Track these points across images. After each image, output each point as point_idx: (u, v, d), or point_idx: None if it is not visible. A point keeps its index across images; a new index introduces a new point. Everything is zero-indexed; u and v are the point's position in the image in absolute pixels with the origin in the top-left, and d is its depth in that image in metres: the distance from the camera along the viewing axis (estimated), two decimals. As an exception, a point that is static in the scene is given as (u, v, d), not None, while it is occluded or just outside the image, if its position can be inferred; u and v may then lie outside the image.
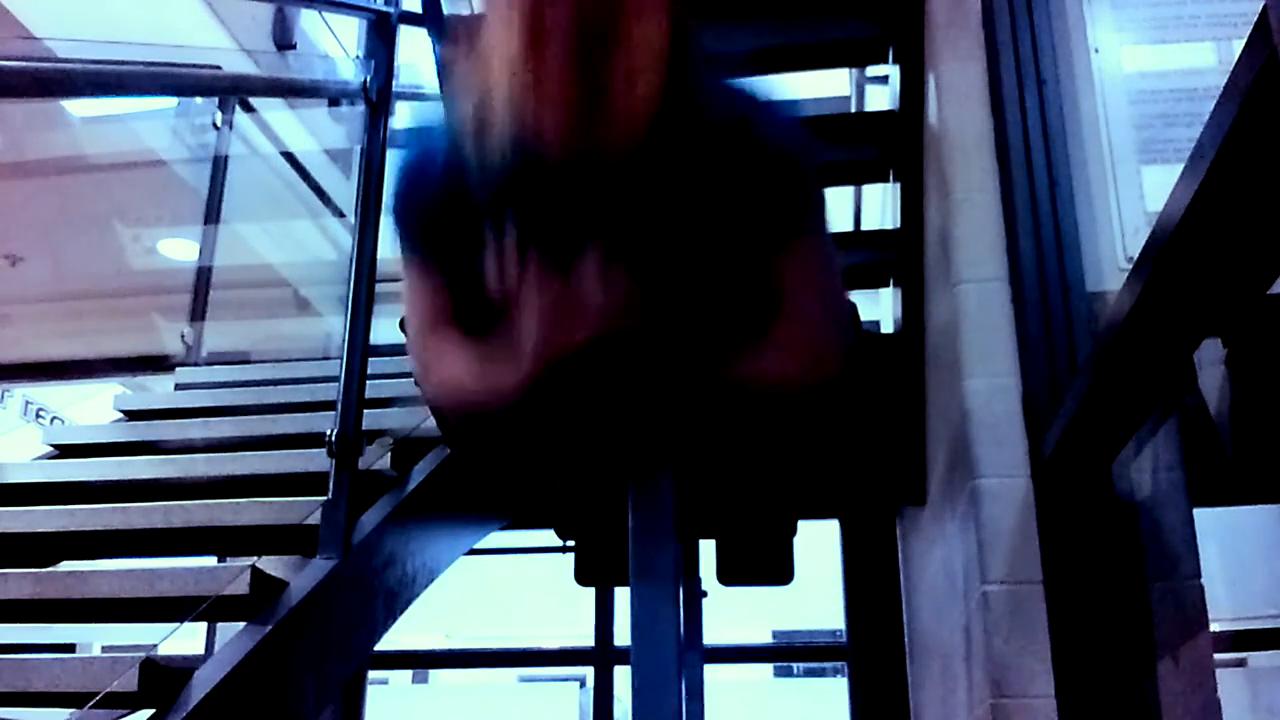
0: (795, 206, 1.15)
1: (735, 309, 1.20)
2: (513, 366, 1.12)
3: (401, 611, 2.16)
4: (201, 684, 1.57)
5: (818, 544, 3.17)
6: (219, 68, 3.49)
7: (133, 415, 2.92)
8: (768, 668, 5.15)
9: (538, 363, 1.10)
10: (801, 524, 2.24)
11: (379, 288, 2.13)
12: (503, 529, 2.83)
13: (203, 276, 3.54)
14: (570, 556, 2.22)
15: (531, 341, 1.09)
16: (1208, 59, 2.00)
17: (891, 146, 2.37)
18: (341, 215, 4.05)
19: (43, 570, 2.03)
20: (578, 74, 1.01)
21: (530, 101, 1.03)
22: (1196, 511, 1.71)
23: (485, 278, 1.11)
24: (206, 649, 2.54)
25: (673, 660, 1.17)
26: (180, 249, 4.11)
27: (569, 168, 1.07)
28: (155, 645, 1.66)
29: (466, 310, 1.21)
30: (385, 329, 1.98)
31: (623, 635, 2.59)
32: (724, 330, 1.18)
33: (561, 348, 1.09)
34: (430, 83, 3.01)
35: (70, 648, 2.61)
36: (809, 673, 5.14)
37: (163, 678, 1.55)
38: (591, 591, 3.90)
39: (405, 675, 5.19)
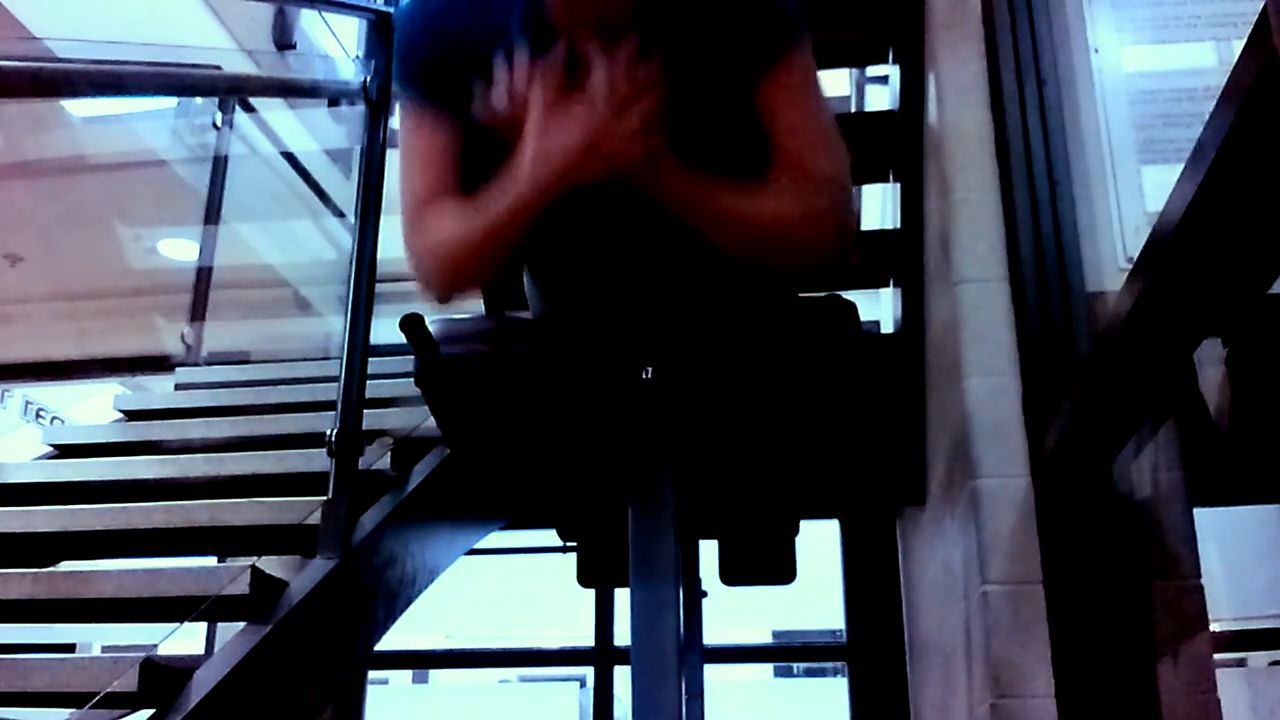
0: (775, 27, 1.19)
1: (731, 144, 1.21)
2: (513, 197, 1.11)
3: (401, 611, 2.15)
4: (201, 684, 1.57)
5: (818, 544, 3.17)
6: (219, 68, 3.48)
7: (132, 415, 2.92)
8: (768, 668, 5.14)
9: (539, 190, 1.09)
10: (802, 524, 2.24)
11: (379, 288, 2.12)
12: (503, 529, 2.83)
13: (203, 276, 3.53)
14: (571, 557, 2.22)
15: (534, 155, 1.08)
16: (1208, 59, 2.00)
17: (891, 146, 2.37)
18: (341, 215, 4.04)
19: (43, 570, 2.02)
20: None
21: None
22: (1196, 511, 1.70)
23: (495, 106, 1.10)
24: (206, 649, 2.54)
25: (673, 660, 1.17)
26: (180, 249, 4.10)
27: None
28: (155, 645, 1.66)
29: (470, 159, 1.22)
30: (385, 329, 1.97)
31: (623, 635, 2.59)
32: (723, 164, 1.16)
33: (565, 173, 1.08)
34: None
35: (70, 648, 2.61)
36: (809, 673, 5.13)
37: (163, 678, 1.55)
38: (591, 591, 3.89)
39: (405, 675, 5.19)
